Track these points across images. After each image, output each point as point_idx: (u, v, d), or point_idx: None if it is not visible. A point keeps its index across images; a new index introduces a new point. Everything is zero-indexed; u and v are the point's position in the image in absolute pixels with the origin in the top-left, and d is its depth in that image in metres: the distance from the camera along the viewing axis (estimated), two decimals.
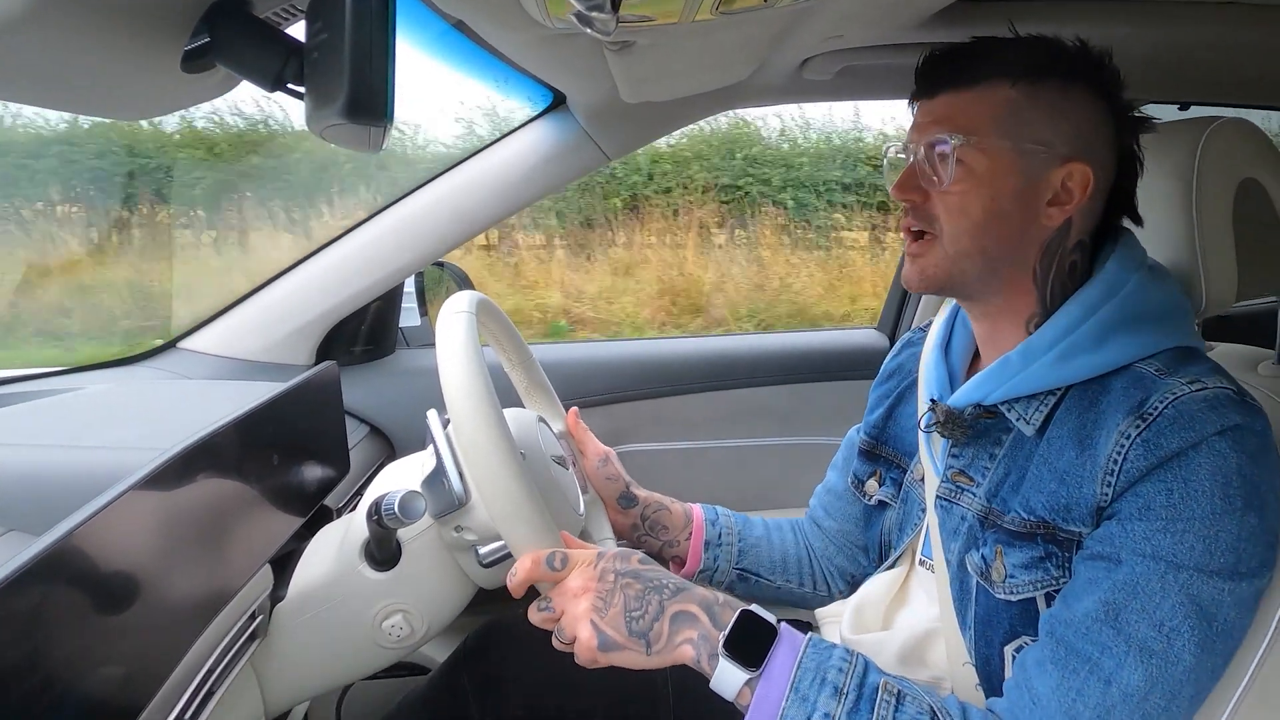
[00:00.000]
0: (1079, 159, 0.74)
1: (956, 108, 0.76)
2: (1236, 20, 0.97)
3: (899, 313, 1.69)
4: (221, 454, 0.66)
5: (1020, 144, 0.74)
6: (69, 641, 0.49)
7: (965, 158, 0.75)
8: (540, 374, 1.06)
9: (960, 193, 0.75)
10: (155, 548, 0.58)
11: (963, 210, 0.76)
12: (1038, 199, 0.75)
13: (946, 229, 0.77)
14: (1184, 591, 0.64)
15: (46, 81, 0.51)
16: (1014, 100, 0.74)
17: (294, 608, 0.81)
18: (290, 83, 0.57)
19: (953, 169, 0.75)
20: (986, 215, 0.75)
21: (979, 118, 0.75)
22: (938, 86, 0.78)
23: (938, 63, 0.79)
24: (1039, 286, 0.78)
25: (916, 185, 0.78)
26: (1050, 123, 0.74)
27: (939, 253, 0.78)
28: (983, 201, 0.75)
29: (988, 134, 0.74)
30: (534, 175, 1.29)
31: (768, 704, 0.67)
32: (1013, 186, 0.75)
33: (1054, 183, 0.75)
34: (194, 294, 4.89)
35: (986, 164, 0.74)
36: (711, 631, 0.70)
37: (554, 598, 0.74)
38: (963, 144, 0.74)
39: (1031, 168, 0.74)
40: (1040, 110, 0.74)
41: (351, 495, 1.15)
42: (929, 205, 0.78)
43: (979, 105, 0.75)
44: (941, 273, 0.78)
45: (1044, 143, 0.74)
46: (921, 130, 0.78)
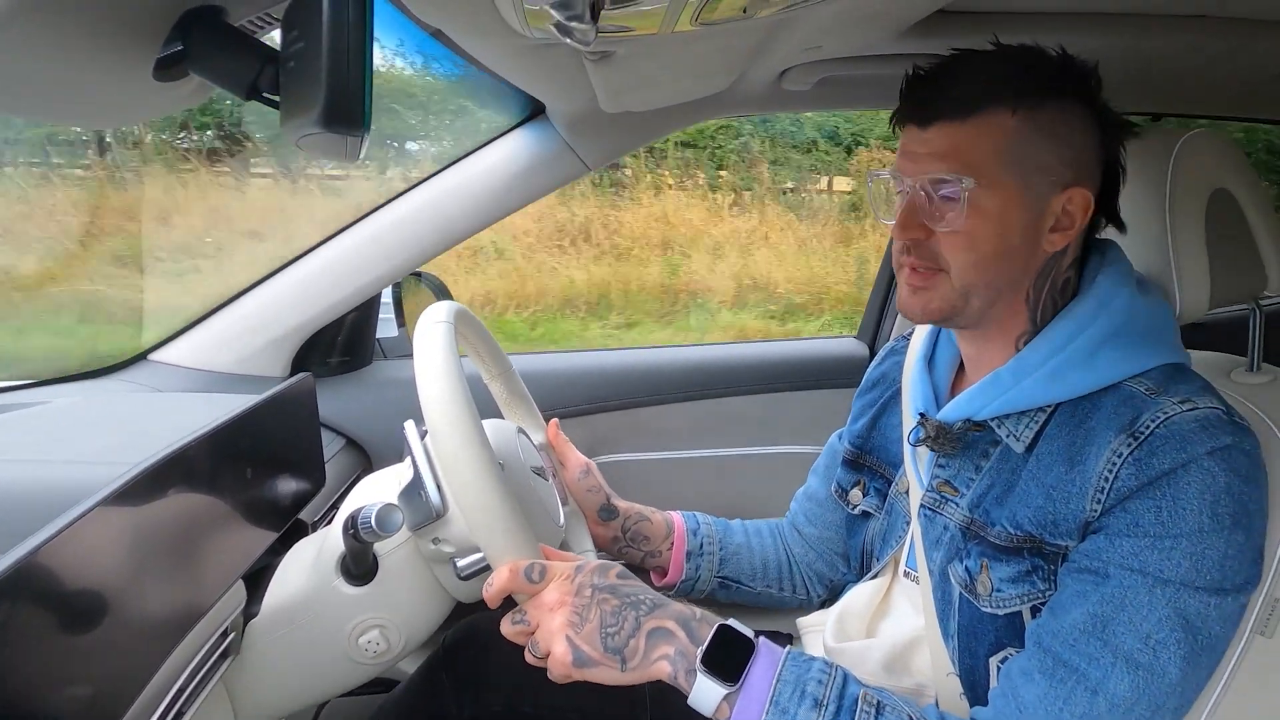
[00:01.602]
0: (1079, 184, 0.74)
1: (957, 142, 0.73)
2: (1207, 32, 0.98)
3: (878, 322, 1.70)
4: (193, 468, 0.65)
5: (1025, 177, 0.73)
6: (34, 662, 0.48)
7: (971, 197, 0.72)
8: (520, 385, 1.05)
9: (969, 231, 0.73)
10: (124, 564, 0.56)
11: (970, 247, 0.74)
12: (1042, 227, 0.75)
13: (954, 265, 0.75)
14: (1171, 605, 0.65)
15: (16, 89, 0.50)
16: (1015, 130, 0.72)
17: (268, 624, 0.80)
18: (265, 91, 0.56)
19: (960, 206, 0.72)
20: (995, 251, 0.74)
21: (983, 153, 0.72)
22: (933, 116, 0.74)
23: (930, 89, 0.75)
24: (1030, 307, 0.78)
25: (918, 223, 0.75)
26: (1051, 149, 0.73)
27: (946, 288, 0.76)
28: (991, 239, 0.73)
29: (994, 170, 0.72)
30: (513, 185, 1.28)
31: (747, 718, 0.67)
32: (1020, 220, 0.74)
33: (1055, 209, 0.74)
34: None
35: (994, 202, 0.73)
36: (689, 647, 0.70)
37: (529, 610, 0.73)
38: (972, 186, 0.72)
39: (1036, 199, 0.74)
40: (1041, 137, 0.73)
41: (327, 509, 1.14)
42: (933, 241, 0.75)
43: (981, 139, 0.73)
44: (947, 307, 0.77)
45: (1047, 171, 0.74)
46: (918, 162, 0.75)
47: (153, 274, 4.36)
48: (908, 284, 0.78)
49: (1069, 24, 0.97)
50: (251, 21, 0.63)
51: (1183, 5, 0.95)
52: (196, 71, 0.56)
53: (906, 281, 0.78)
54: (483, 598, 0.77)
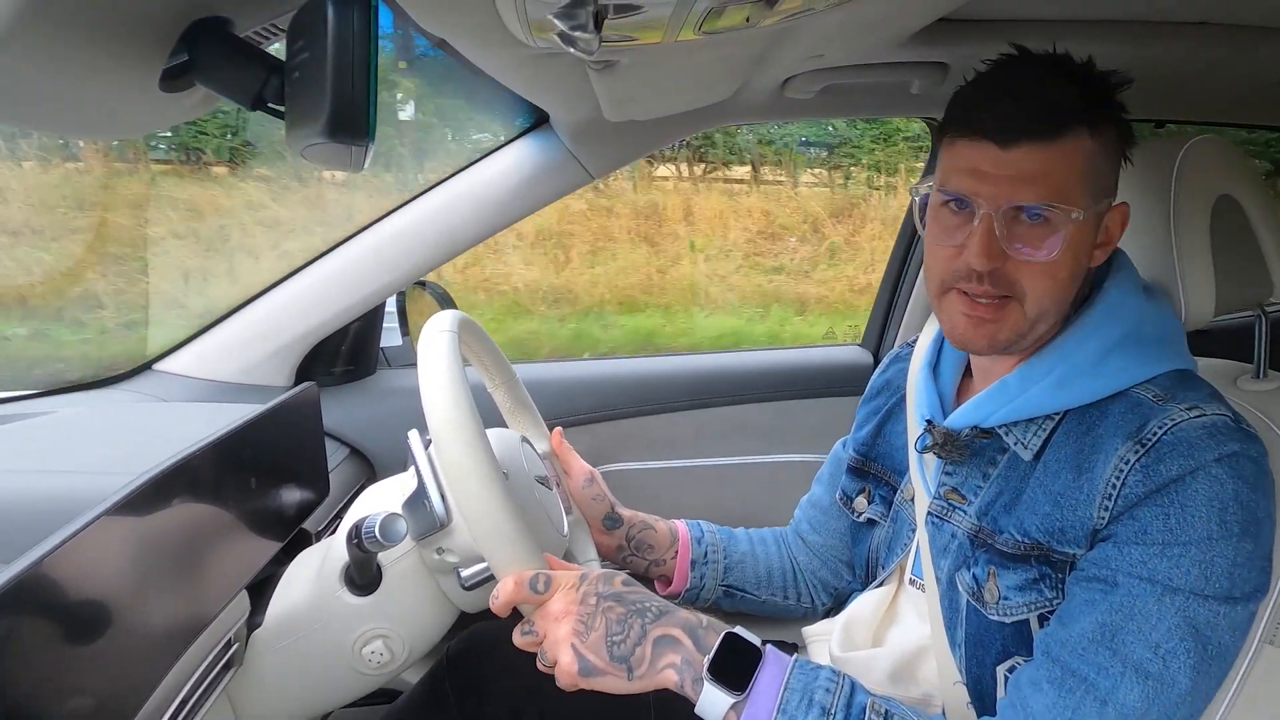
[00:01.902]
0: (1118, 198, 0.75)
1: (1045, 165, 0.69)
2: (1209, 39, 0.99)
3: (883, 329, 1.70)
4: (198, 477, 0.65)
5: (1097, 199, 0.72)
6: (39, 672, 0.48)
7: (1059, 223, 0.69)
8: (523, 393, 1.05)
9: (1054, 260, 0.70)
10: (129, 574, 0.56)
11: (1051, 275, 0.72)
12: (1094, 244, 0.75)
13: (1030, 294, 0.72)
14: (1180, 614, 0.64)
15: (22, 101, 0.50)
16: (1092, 151, 0.70)
17: (271, 634, 0.80)
18: (271, 102, 0.56)
19: (1062, 239, 0.69)
20: (1070, 277, 0.73)
21: (1070, 180, 0.69)
22: (1016, 136, 0.69)
23: (1007, 102, 0.70)
24: (1062, 318, 0.78)
25: (1000, 251, 0.70)
26: (1110, 169, 0.74)
27: (1016, 317, 0.73)
28: (1069, 265, 0.72)
29: (1080, 198, 0.70)
30: (517, 194, 1.28)
31: None
32: (1088, 242, 0.73)
33: (1103, 224, 0.75)
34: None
35: (1075, 228, 0.70)
36: (695, 656, 0.69)
37: (536, 620, 0.73)
38: (1080, 218, 0.69)
39: (1097, 218, 0.74)
40: (1105, 157, 0.73)
41: (331, 518, 1.14)
42: (1009, 268, 0.71)
43: (1067, 164, 0.69)
44: (1015, 337, 0.74)
45: (1106, 190, 0.74)
46: (999, 185, 0.70)
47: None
48: (968, 314, 0.73)
49: (1072, 31, 0.98)
50: (257, 32, 0.64)
51: (1185, 12, 0.96)
52: (202, 82, 0.56)
53: (967, 312, 0.74)
54: (487, 607, 0.77)
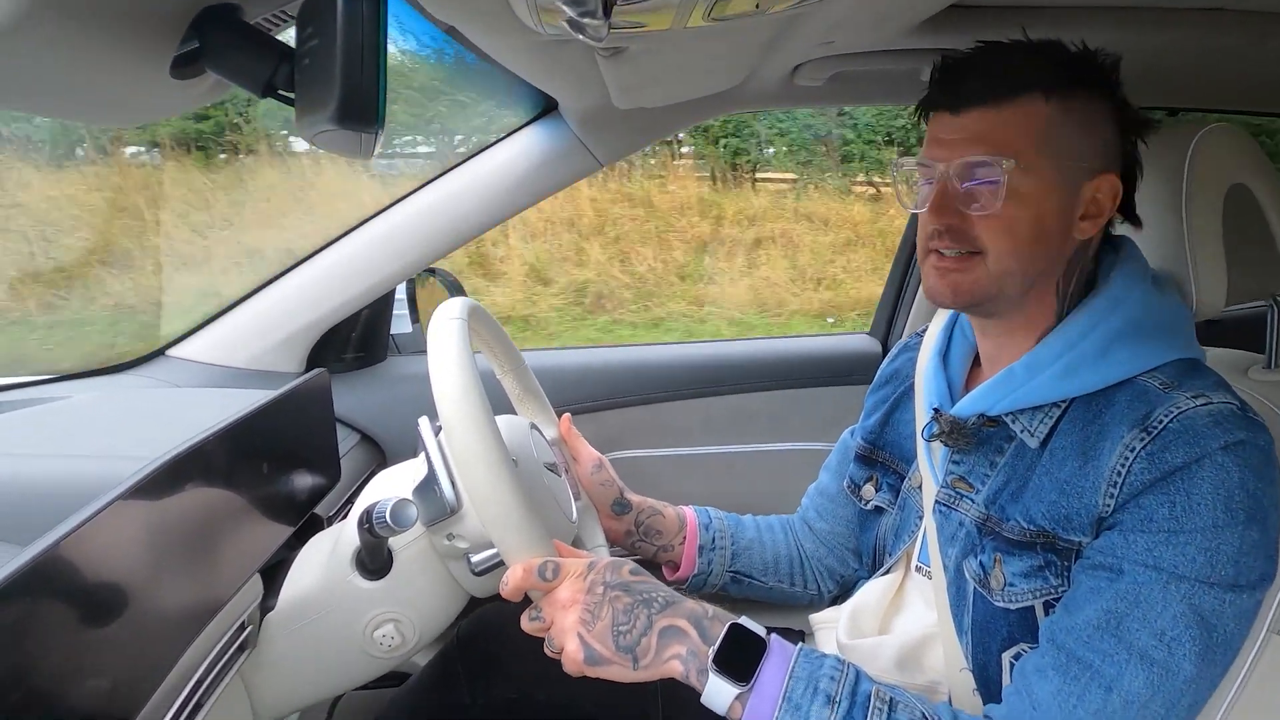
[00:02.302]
0: (1107, 170, 0.75)
1: (992, 125, 0.73)
2: (1223, 26, 0.98)
3: (891, 318, 1.70)
4: (211, 462, 0.66)
5: (1060, 162, 0.73)
6: (55, 654, 0.49)
7: (1009, 178, 0.72)
8: (532, 380, 1.05)
9: (1007, 214, 0.73)
10: (143, 558, 0.57)
11: (1009, 231, 0.73)
12: (1074, 214, 0.75)
13: (991, 249, 0.74)
14: (1185, 602, 0.64)
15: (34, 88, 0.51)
16: (1049, 115, 0.73)
17: (284, 618, 0.81)
18: (281, 88, 0.56)
19: (999, 191, 0.72)
20: (1031, 235, 0.74)
21: (1019, 137, 0.72)
22: (967, 101, 0.74)
23: (964, 75, 0.75)
24: (1059, 297, 0.78)
25: (954, 208, 0.75)
26: (1083, 136, 0.74)
27: (980, 271, 0.75)
28: (1028, 222, 0.73)
29: (1030, 154, 0.72)
30: (525, 181, 1.28)
31: (759, 716, 0.67)
32: (1055, 205, 0.74)
33: (1086, 196, 0.75)
34: None
35: (1032, 185, 0.73)
36: (700, 646, 0.70)
37: (544, 607, 0.74)
38: (1013, 167, 0.72)
39: (1070, 184, 0.74)
40: (1073, 124, 0.73)
41: (342, 504, 1.15)
42: (968, 225, 0.75)
43: (1017, 123, 0.73)
44: (978, 290, 0.76)
45: (1079, 158, 0.74)
46: (952, 148, 0.75)
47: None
48: (936, 268, 0.77)
49: (1085, 18, 0.97)
50: (267, 19, 0.64)
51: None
52: (213, 69, 0.56)
53: (935, 266, 0.77)
54: (496, 592, 0.78)
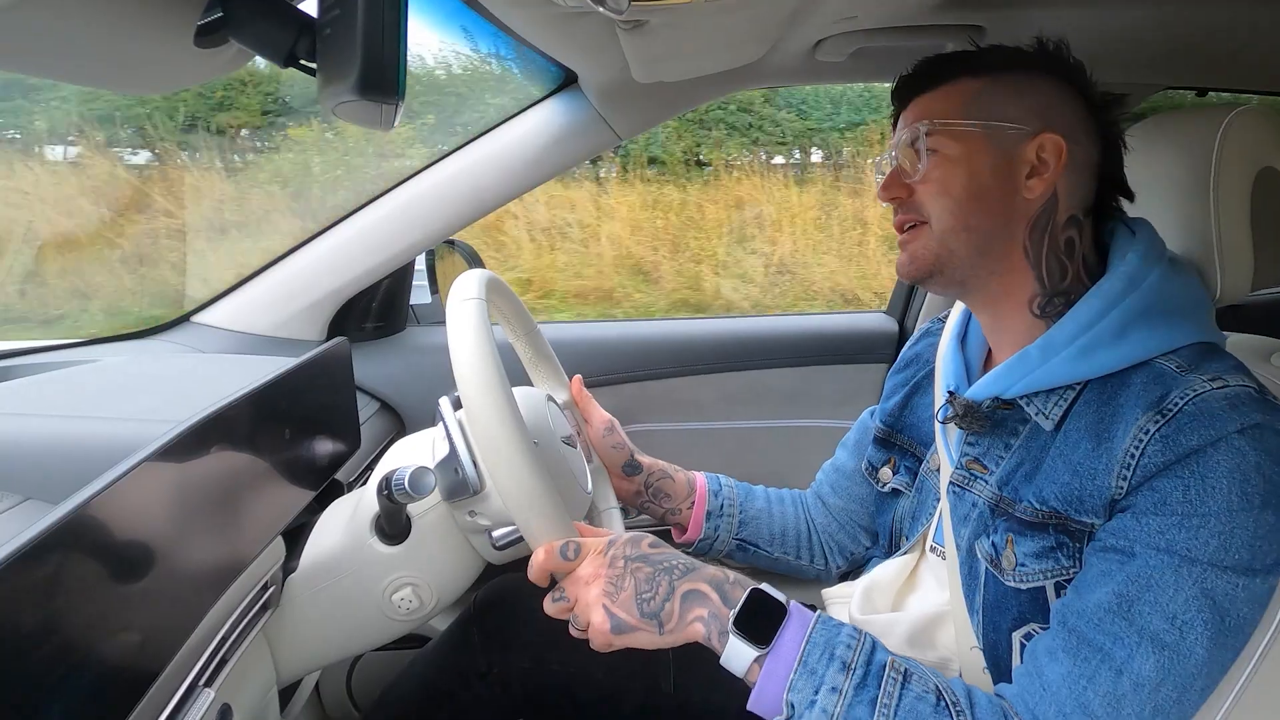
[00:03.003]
0: (1050, 130, 0.76)
1: (927, 105, 0.81)
2: (1255, 5, 0.95)
3: (909, 297, 1.69)
4: (235, 427, 0.67)
5: (987, 123, 0.77)
6: (86, 608, 0.50)
7: (937, 145, 0.79)
8: (544, 344, 1.06)
9: (939, 177, 0.79)
10: (170, 518, 0.59)
11: (944, 191, 0.78)
12: (1015, 173, 0.77)
13: (932, 212, 0.79)
14: (1198, 585, 0.64)
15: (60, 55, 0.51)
16: (977, 88, 0.79)
17: (305, 579, 0.83)
18: (303, 59, 0.57)
19: (925, 156, 0.79)
20: (967, 193, 0.78)
21: (946, 107, 0.79)
22: (909, 94, 0.83)
23: (906, 76, 0.84)
24: (1033, 265, 0.79)
25: (899, 184, 0.82)
26: (1015, 101, 0.78)
27: (926, 235, 0.80)
28: (961, 180, 0.78)
29: (955, 118, 0.78)
30: (545, 154, 1.28)
31: (775, 678, 0.68)
32: (988, 163, 0.77)
33: (1029, 156, 0.77)
34: None
35: (957, 146, 0.78)
36: (721, 609, 0.71)
37: (567, 587, 0.75)
38: (930, 130, 0.78)
39: (1002, 144, 0.77)
40: (1004, 92, 0.78)
41: (362, 470, 1.16)
42: (914, 199, 0.81)
43: (946, 98, 0.80)
44: (930, 254, 0.80)
45: (1011, 120, 0.77)
46: (898, 135, 0.83)
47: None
48: (899, 245, 0.84)
49: None
50: None
51: None
52: (236, 38, 0.57)
53: (899, 243, 0.84)
54: (513, 560, 0.79)
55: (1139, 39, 0.74)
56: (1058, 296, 0.79)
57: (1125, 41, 0.76)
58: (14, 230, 3.88)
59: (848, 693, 0.67)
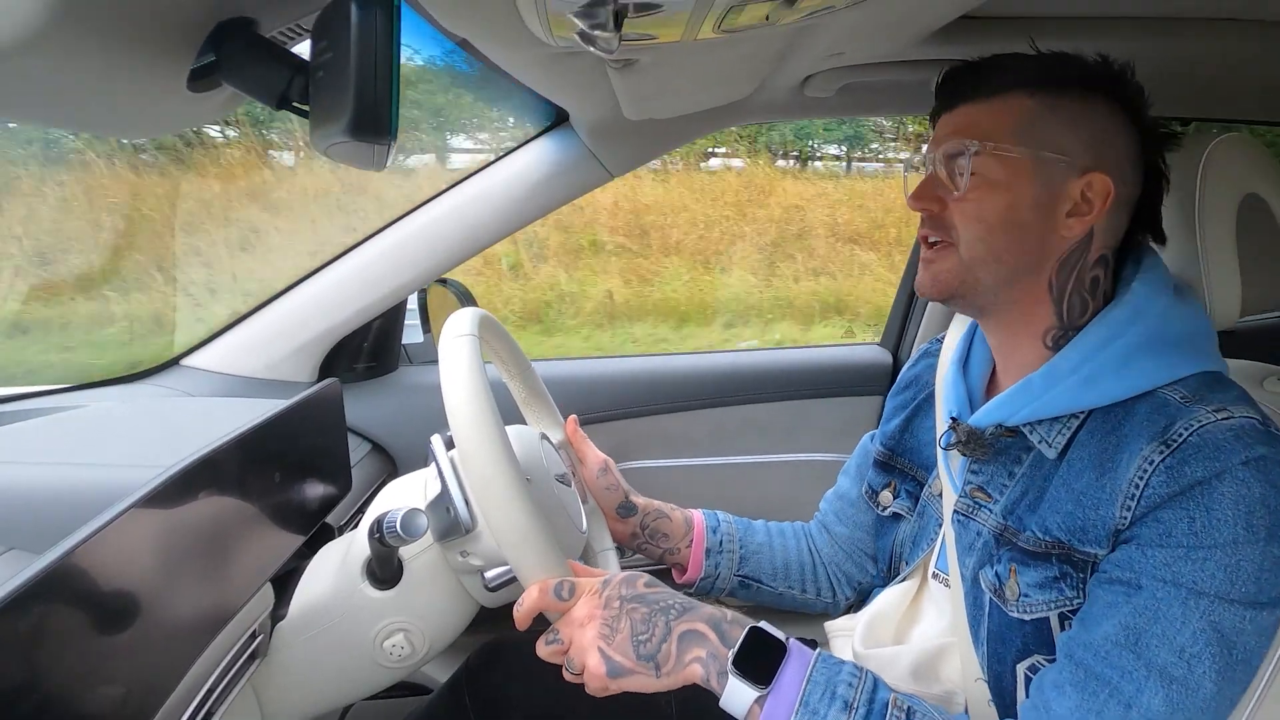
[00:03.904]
0: (1098, 169, 0.74)
1: (975, 117, 0.76)
2: (1237, 36, 0.97)
3: (902, 328, 1.69)
4: (223, 471, 0.66)
5: (1038, 152, 0.74)
6: (69, 660, 0.49)
7: (980, 165, 0.74)
8: (538, 383, 1.05)
9: (976, 200, 0.75)
10: (156, 566, 0.57)
11: (979, 217, 0.75)
12: (1056, 209, 0.74)
13: (963, 236, 0.76)
14: (1205, 618, 0.63)
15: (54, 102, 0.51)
16: (1032, 109, 0.74)
17: (295, 627, 0.81)
18: (295, 101, 0.57)
19: (968, 176, 0.75)
20: (1003, 223, 0.75)
21: (997, 126, 0.75)
22: (956, 98, 0.78)
23: (957, 76, 0.79)
24: (1055, 300, 0.77)
25: (933, 195, 0.78)
26: (1069, 132, 0.74)
27: (954, 259, 0.77)
28: (999, 209, 0.74)
29: (1004, 141, 0.74)
30: (536, 192, 1.29)
31: (776, 719, 0.67)
32: (1030, 195, 0.74)
33: (1073, 193, 0.74)
34: None
35: (1003, 171, 0.74)
36: (720, 649, 0.70)
37: (561, 629, 0.73)
38: (979, 151, 0.74)
39: (1050, 177, 0.74)
40: (1059, 119, 0.74)
41: (353, 513, 1.15)
42: (945, 214, 0.77)
43: (997, 115, 0.75)
44: (954, 279, 0.77)
45: (1062, 152, 0.74)
46: (939, 142, 0.78)
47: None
48: (922, 260, 0.80)
49: (1096, 28, 0.97)
50: (282, 33, 0.64)
51: (1212, 8, 0.94)
52: (229, 82, 0.57)
53: (922, 258, 0.80)
54: (506, 602, 0.77)
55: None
56: (1072, 330, 0.78)
57: None
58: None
59: None
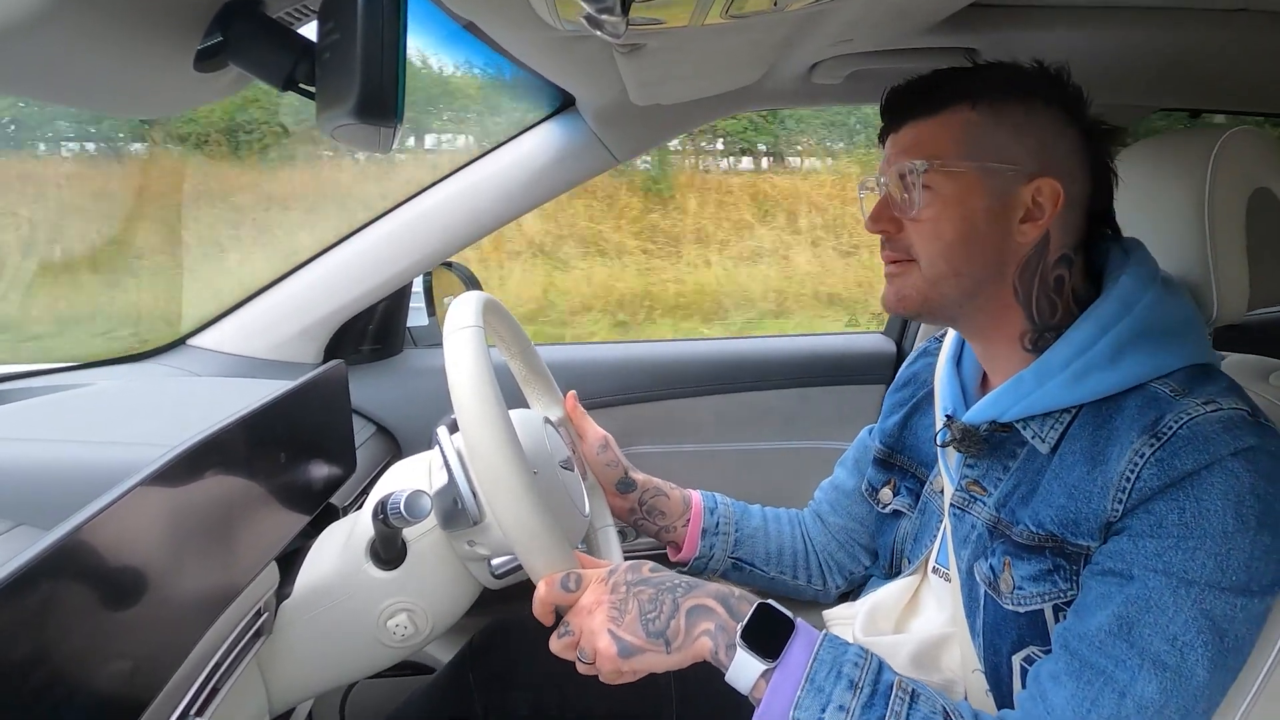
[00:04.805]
0: (1047, 174, 0.75)
1: (921, 135, 0.78)
2: (1246, 27, 0.96)
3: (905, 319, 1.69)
4: (229, 451, 0.67)
5: (984, 164, 0.75)
6: (77, 635, 0.50)
7: (931, 183, 0.76)
8: (539, 361, 1.05)
9: (931, 218, 0.77)
10: (163, 543, 0.58)
11: (935, 234, 0.77)
12: (1009, 217, 0.76)
13: (922, 254, 0.78)
14: (1197, 606, 0.64)
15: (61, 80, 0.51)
16: (975, 121, 0.76)
17: (299, 605, 0.82)
18: (301, 82, 0.57)
19: (920, 195, 0.76)
20: (959, 237, 0.76)
21: (942, 142, 0.76)
22: (902, 117, 0.80)
23: (900, 95, 0.80)
24: (1023, 304, 0.78)
25: (889, 216, 0.79)
26: (1014, 141, 0.75)
27: (916, 277, 0.79)
28: (954, 224, 0.76)
29: (951, 157, 0.76)
30: (542, 176, 1.29)
31: (782, 695, 0.67)
32: (982, 206, 0.75)
33: (1024, 199, 0.75)
34: None
35: (953, 187, 0.76)
36: (729, 622, 0.70)
37: (570, 619, 0.74)
38: (928, 169, 0.75)
39: (998, 186, 0.75)
40: (1003, 129, 0.75)
41: (358, 494, 1.16)
42: (903, 235, 0.79)
43: (942, 131, 0.77)
44: (919, 295, 0.79)
45: (1009, 161, 0.75)
46: (890, 162, 0.80)
47: None
48: (886, 276, 0.82)
49: (1102, 17, 0.96)
50: (289, 13, 0.64)
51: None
52: (235, 62, 0.57)
53: (885, 274, 0.82)
54: (509, 584, 0.78)
55: (1133, 61, 0.75)
56: (1048, 332, 0.78)
57: (1120, 63, 0.76)
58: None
59: (855, 711, 0.66)
